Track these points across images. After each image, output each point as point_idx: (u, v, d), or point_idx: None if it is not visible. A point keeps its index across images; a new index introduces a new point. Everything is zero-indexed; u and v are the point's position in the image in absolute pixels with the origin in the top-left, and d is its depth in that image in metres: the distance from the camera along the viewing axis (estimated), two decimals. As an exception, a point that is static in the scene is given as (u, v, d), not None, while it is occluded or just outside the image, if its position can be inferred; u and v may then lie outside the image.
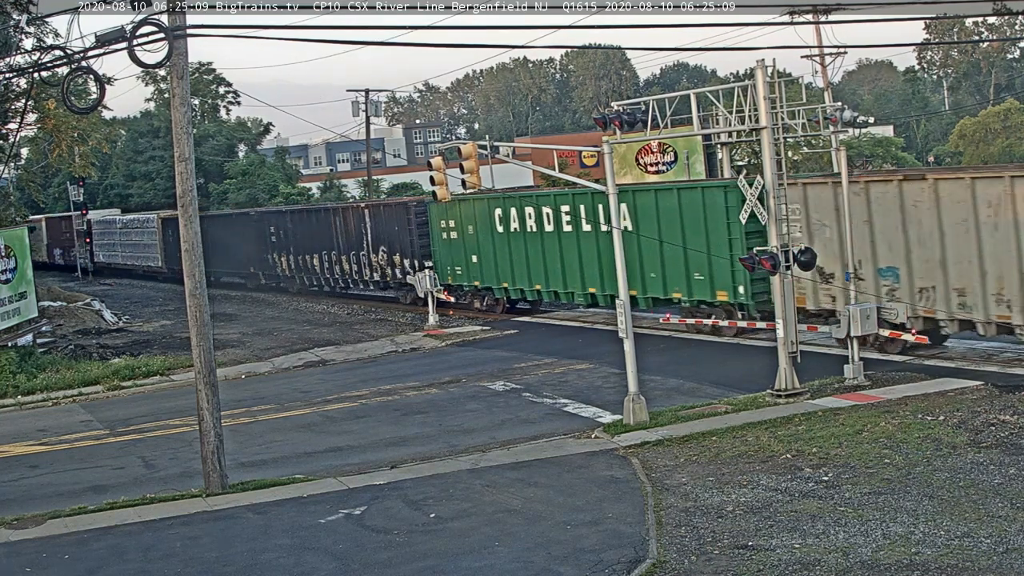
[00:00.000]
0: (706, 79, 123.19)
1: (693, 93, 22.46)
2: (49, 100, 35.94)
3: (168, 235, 55.86)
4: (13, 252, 32.56)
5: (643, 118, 21.46)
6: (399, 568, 12.83)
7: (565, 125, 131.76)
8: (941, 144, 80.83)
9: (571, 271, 31.33)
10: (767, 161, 20.16)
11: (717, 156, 38.35)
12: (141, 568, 13.59)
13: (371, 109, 60.93)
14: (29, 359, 30.47)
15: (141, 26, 15.71)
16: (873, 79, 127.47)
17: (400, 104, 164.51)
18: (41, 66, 21.82)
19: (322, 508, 15.45)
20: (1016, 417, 16.98)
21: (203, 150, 70.69)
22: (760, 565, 11.93)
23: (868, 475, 14.88)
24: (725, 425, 18.34)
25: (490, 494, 15.56)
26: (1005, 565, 11.39)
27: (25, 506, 16.96)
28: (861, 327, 20.46)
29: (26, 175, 52.30)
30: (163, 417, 23.74)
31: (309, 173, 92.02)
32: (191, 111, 17.74)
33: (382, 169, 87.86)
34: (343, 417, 22.46)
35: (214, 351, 17.42)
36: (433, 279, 34.39)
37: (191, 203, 16.89)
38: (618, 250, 19.73)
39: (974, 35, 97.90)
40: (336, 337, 34.17)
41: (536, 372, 25.42)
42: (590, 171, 60.39)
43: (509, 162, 30.37)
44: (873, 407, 18.63)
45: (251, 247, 47.74)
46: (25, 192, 53.76)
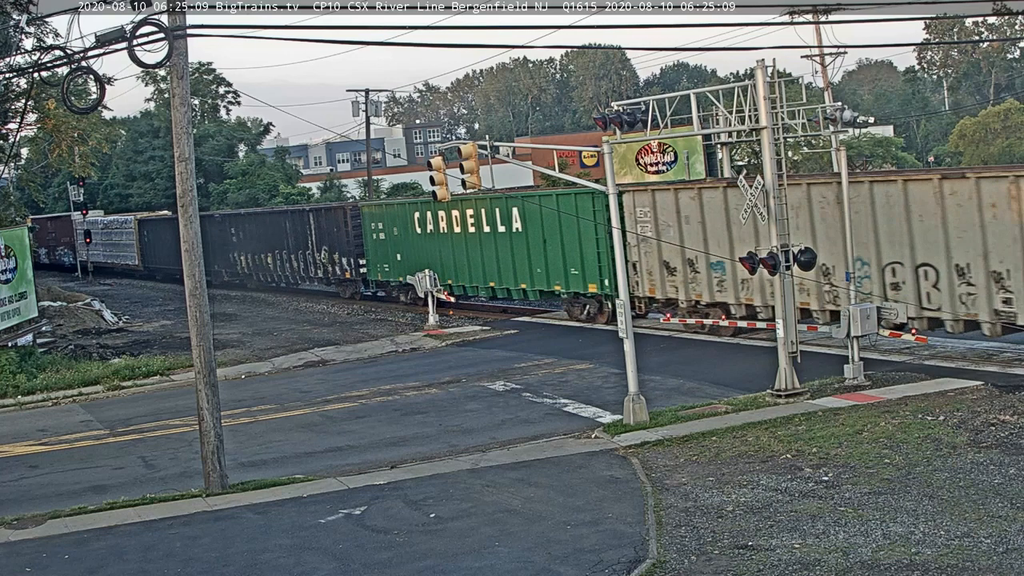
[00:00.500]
0: (706, 79, 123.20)
1: (693, 93, 22.45)
2: (49, 100, 35.96)
3: (144, 235, 60.48)
4: (13, 252, 32.57)
5: (643, 118, 21.44)
6: (399, 568, 12.83)
7: (565, 125, 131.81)
8: (941, 144, 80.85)
9: (475, 268, 35.24)
10: (767, 161, 20.16)
11: (717, 156, 38.40)
12: (141, 568, 13.59)
13: (371, 109, 60.93)
14: (29, 359, 30.47)
15: (141, 26, 15.71)
16: (873, 79, 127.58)
17: (400, 104, 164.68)
18: (41, 66, 21.82)
19: (322, 508, 15.45)
20: (1016, 417, 16.98)
21: (203, 150, 70.70)
22: (760, 565, 11.93)
23: (868, 475, 14.88)
24: (725, 425, 18.34)
25: (490, 494, 15.56)
26: (1005, 565, 11.39)
27: (25, 506, 16.96)
28: (861, 327, 20.47)
29: (26, 175, 52.35)
30: (163, 417, 23.74)
31: (309, 173, 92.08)
32: (191, 111, 17.74)
33: (382, 169, 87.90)
34: (343, 417, 22.47)
35: (214, 351, 17.43)
36: (433, 279, 34.49)
37: (191, 203, 16.88)
38: (618, 250, 19.73)
39: (974, 35, 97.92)
40: (336, 337, 34.18)
41: (536, 372, 25.43)
42: (590, 171, 60.45)
43: (509, 162, 30.46)
44: (873, 407, 18.63)
45: (216, 246, 50.03)
46: (25, 192, 53.79)
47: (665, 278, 28.42)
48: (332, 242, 42.50)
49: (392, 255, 39.25)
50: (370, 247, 40.53)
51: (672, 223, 27.93)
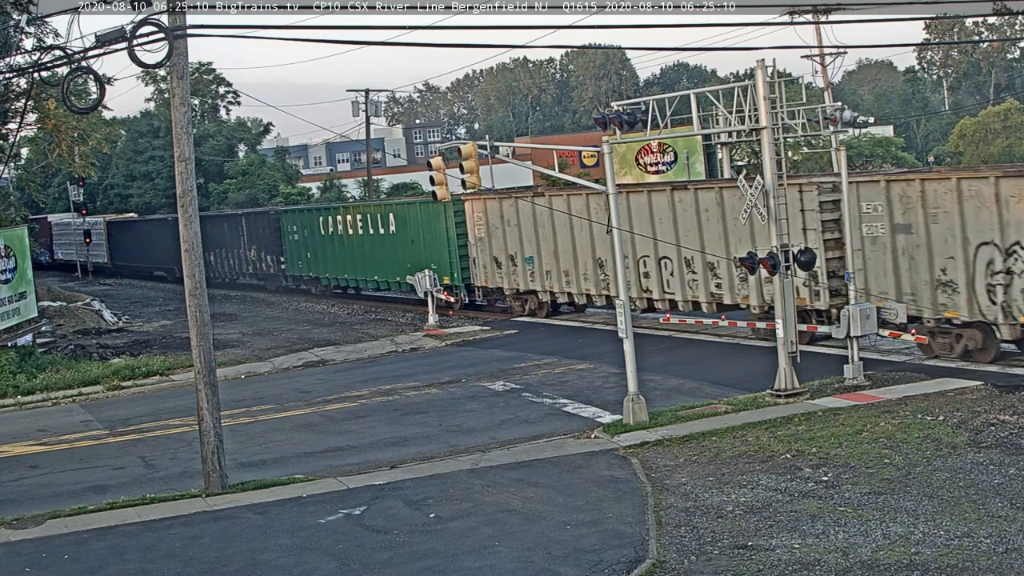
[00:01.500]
0: (706, 79, 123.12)
1: (693, 93, 22.45)
2: (49, 100, 35.97)
3: (112, 235, 67.64)
4: (13, 252, 32.57)
5: (643, 118, 21.44)
6: (399, 568, 12.83)
7: (565, 125, 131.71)
8: (941, 144, 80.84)
9: (365, 264, 41.22)
10: (767, 161, 20.16)
11: (717, 156, 38.44)
12: (141, 568, 13.59)
13: (371, 109, 60.94)
14: (29, 359, 30.46)
15: (141, 26, 15.71)
16: (873, 79, 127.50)
17: (400, 104, 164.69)
18: (41, 66, 21.83)
19: (322, 508, 15.45)
20: (1016, 417, 16.98)
21: (203, 150, 70.69)
22: (760, 565, 11.93)
23: (868, 475, 14.88)
24: (725, 425, 18.34)
25: (490, 494, 15.56)
26: (1005, 565, 11.39)
27: (25, 506, 16.96)
28: (861, 327, 20.47)
29: (26, 175, 52.39)
30: (163, 417, 23.74)
31: (309, 173, 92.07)
32: (191, 111, 17.73)
33: (382, 169, 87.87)
34: (343, 417, 22.47)
35: (214, 351, 17.42)
36: (433, 279, 34.66)
37: (191, 203, 16.88)
38: (617, 250, 19.72)
39: (974, 35, 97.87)
40: (336, 337, 34.18)
41: (536, 372, 25.43)
42: (590, 171, 60.36)
43: (509, 162, 30.63)
44: (873, 407, 18.63)
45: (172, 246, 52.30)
46: (25, 192, 53.79)
47: (495, 271, 34.75)
48: (259, 242, 49.09)
49: (304, 253, 45.62)
50: (288, 246, 46.87)
51: (499, 226, 34.15)
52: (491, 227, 34.41)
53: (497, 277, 34.78)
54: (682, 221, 27.45)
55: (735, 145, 39.97)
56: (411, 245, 38.07)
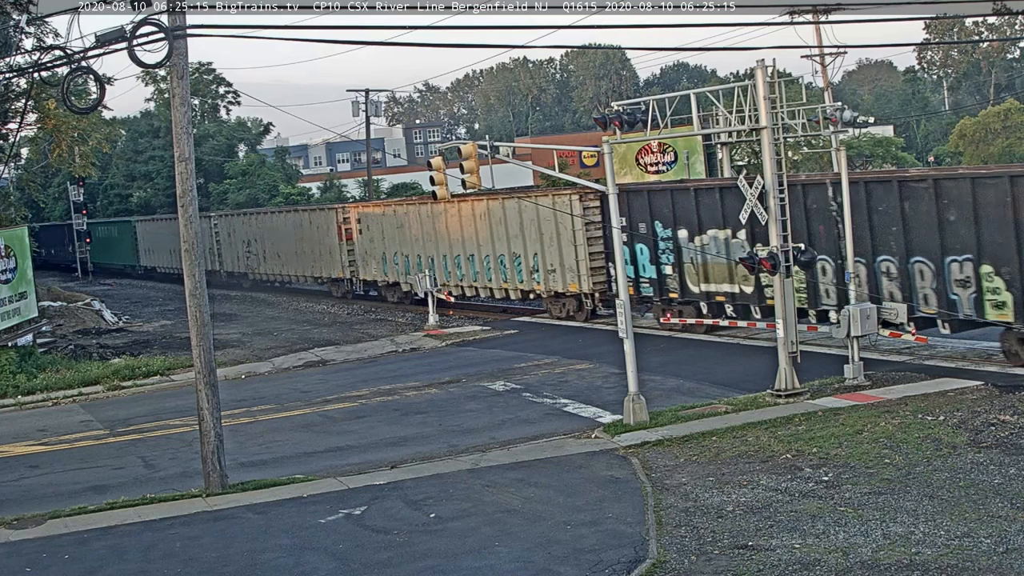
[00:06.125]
0: (706, 79, 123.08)
1: (693, 93, 22.45)
2: (49, 100, 35.92)
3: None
4: (13, 252, 32.55)
5: (643, 118, 21.42)
6: (399, 568, 12.83)
7: (565, 125, 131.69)
8: (941, 144, 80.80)
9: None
10: (767, 161, 20.16)
11: (717, 156, 38.40)
12: (141, 568, 13.59)
13: (371, 109, 60.93)
14: (29, 359, 30.46)
15: (141, 26, 15.71)
16: (873, 79, 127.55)
17: (400, 104, 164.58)
18: (41, 66, 21.84)
19: (322, 508, 15.45)
20: (1016, 417, 16.98)
21: (203, 150, 70.63)
22: (760, 565, 11.93)
23: (868, 475, 14.88)
24: (725, 425, 18.33)
25: (490, 494, 15.56)
26: (1005, 565, 11.39)
27: (25, 506, 16.96)
28: (861, 327, 20.46)
29: (26, 175, 52.34)
30: (163, 417, 23.74)
31: (309, 173, 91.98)
32: (191, 111, 17.73)
33: (382, 169, 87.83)
34: (343, 417, 22.47)
35: (214, 351, 17.42)
36: (433, 279, 34.63)
37: (191, 203, 16.88)
38: (618, 250, 19.72)
39: (974, 35, 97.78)
40: (336, 337, 34.19)
41: (536, 372, 25.43)
42: (590, 171, 60.35)
43: (509, 162, 30.51)
44: (873, 407, 18.63)
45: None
46: (25, 192, 53.74)
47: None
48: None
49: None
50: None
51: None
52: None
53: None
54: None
55: (735, 145, 39.90)
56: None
